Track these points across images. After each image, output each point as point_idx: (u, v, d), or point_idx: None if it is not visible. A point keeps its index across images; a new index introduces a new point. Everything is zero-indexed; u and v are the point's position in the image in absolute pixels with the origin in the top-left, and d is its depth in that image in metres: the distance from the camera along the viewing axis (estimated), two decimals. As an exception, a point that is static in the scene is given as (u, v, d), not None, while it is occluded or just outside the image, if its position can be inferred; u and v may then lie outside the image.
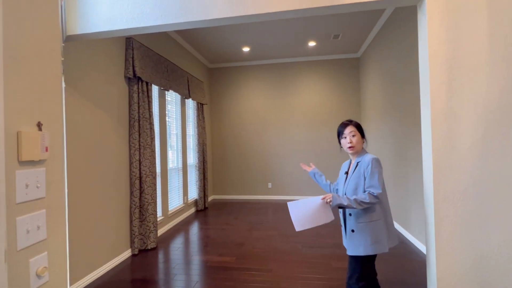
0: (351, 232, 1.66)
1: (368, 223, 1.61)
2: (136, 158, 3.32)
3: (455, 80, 1.46)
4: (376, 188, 1.57)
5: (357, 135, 1.70)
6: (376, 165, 1.60)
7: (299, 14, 1.69)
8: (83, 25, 1.87)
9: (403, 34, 3.57)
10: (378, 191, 1.56)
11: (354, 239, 1.64)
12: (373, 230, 1.60)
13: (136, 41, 3.39)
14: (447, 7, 1.46)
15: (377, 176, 1.59)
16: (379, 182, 1.58)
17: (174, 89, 4.39)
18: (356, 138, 1.69)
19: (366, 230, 1.61)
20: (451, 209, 1.45)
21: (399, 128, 3.83)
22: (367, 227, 1.61)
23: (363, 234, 1.61)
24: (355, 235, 1.64)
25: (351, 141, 1.69)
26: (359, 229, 1.63)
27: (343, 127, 1.73)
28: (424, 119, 1.56)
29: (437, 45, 1.47)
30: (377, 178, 1.58)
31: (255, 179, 6.35)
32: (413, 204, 3.42)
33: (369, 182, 1.59)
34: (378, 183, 1.58)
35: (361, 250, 1.61)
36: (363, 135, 1.74)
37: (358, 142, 1.69)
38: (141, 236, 3.41)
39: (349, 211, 1.68)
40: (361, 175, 1.64)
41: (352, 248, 1.65)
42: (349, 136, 1.70)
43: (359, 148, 1.71)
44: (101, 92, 2.88)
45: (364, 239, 1.60)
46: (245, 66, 6.38)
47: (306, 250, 3.31)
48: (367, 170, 1.61)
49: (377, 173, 1.59)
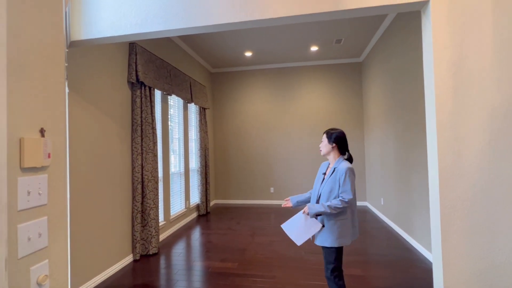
0: (322, 226, 1.94)
1: (336, 221, 1.88)
2: (139, 162, 3.31)
3: (461, 85, 1.44)
4: (347, 194, 1.83)
5: (324, 142, 2.01)
6: (349, 174, 1.85)
7: (301, 19, 1.68)
8: (87, 31, 1.88)
9: (406, 39, 3.56)
10: (349, 197, 1.82)
11: (323, 232, 1.91)
12: (340, 227, 1.87)
13: (139, 46, 3.40)
14: (452, 12, 1.45)
15: (350, 184, 1.84)
16: (351, 189, 1.83)
17: (177, 94, 4.40)
18: (323, 144, 2.01)
19: (334, 226, 1.87)
20: (458, 217, 1.43)
21: (402, 133, 3.81)
22: (335, 224, 1.87)
23: (331, 230, 1.88)
24: (325, 229, 1.91)
25: (320, 146, 2.05)
26: (328, 225, 1.89)
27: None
28: (429, 125, 1.54)
29: (442, 50, 1.46)
30: (349, 186, 1.83)
31: (257, 183, 6.32)
32: (417, 210, 3.38)
33: (343, 188, 1.85)
34: (350, 190, 1.83)
35: (328, 243, 1.88)
36: (334, 141, 1.97)
37: (324, 148, 2.00)
38: (142, 241, 3.39)
39: None
40: (336, 181, 1.89)
41: (320, 240, 1.92)
42: (321, 142, 2.09)
43: (326, 152, 2.00)
44: (104, 97, 2.89)
45: (331, 233, 1.87)
46: (248, 71, 6.40)
47: (310, 256, 3.27)
48: (341, 177, 1.86)
49: (350, 181, 1.84)
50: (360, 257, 3.22)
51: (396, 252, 3.33)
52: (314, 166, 6.11)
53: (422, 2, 1.50)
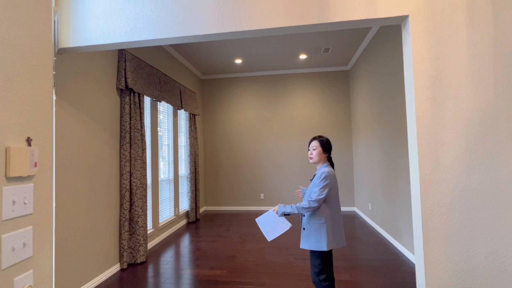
0: (303, 229, 2.00)
1: (314, 224, 1.92)
2: (127, 169, 3.28)
3: (439, 96, 1.52)
4: (316, 194, 1.87)
5: (317, 149, 2.01)
6: (323, 178, 1.89)
7: (289, 31, 1.74)
8: (76, 38, 1.88)
9: (390, 49, 3.69)
10: (317, 197, 1.86)
11: (304, 235, 1.97)
12: (320, 230, 1.90)
13: (129, 53, 3.40)
14: (429, 27, 1.54)
15: (321, 186, 1.88)
16: (320, 191, 1.87)
17: (167, 100, 4.39)
18: (316, 152, 2.01)
19: (312, 230, 1.92)
20: (438, 222, 1.49)
21: (388, 140, 3.91)
22: (314, 226, 1.92)
23: (310, 233, 1.92)
24: (305, 232, 1.96)
25: (311, 153, 2.04)
26: (308, 228, 1.95)
27: (310, 141, 2.08)
28: (410, 133, 1.61)
29: (421, 63, 1.54)
30: (319, 188, 1.88)
31: (247, 190, 6.33)
32: (403, 215, 3.46)
33: (313, 189, 1.92)
34: (320, 191, 1.87)
35: (307, 245, 1.92)
36: (327, 150, 2.02)
37: (316, 155, 2.01)
38: (130, 250, 3.33)
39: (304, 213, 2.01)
40: (314, 184, 1.95)
41: (302, 242, 1.97)
42: (311, 149, 2.04)
43: (317, 160, 2.02)
44: (92, 103, 2.87)
45: (310, 237, 1.92)
46: (238, 78, 6.45)
47: (299, 262, 3.29)
48: (317, 180, 1.92)
49: (322, 184, 1.88)
50: (349, 262, 3.26)
51: (384, 257, 3.39)
52: (304, 172, 6.17)
53: (402, 17, 1.58)
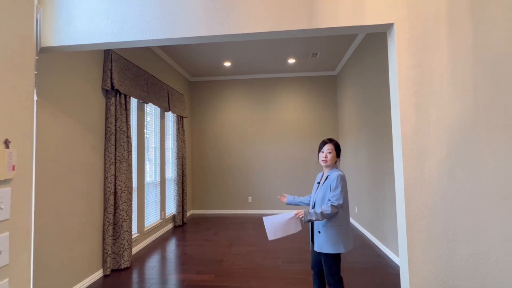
0: (318, 233, 1.97)
1: (332, 227, 1.92)
2: (112, 172, 3.20)
3: (422, 102, 1.57)
4: (337, 199, 1.87)
5: (333, 153, 2.01)
6: (340, 180, 1.90)
7: (278, 35, 1.75)
8: (60, 37, 1.83)
9: (375, 56, 3.79)
10: (339, 202, 1.86)
11: (320, 239, 1.95)
12: (337, 233, 1.91)
13: (115, 53, 3.34)
14: (413, 35, 1.59)
15: (340, 189, 1.89)
16: (341, 194, 1.88)
17: (154, 102, 4.33)
18: (331, 155, 2.01)
19: (329, 232, 1.91)
20: (422, 225, 1.52)
21: (373, 144, 3.99)
22: (330, 229, 1.91)
23: (328, 235, 1.91)
24: (321, 235, 1.94)
25: (326, 157, 2.02)
26: (324, 231, 1.93)
27: (324, 144, 2.05)
28: (395, 138, 1.64)
29: (405, 70, 1.58)
30: (339, 191, 1.88)
31: (235, 193, 6.30)
32: (388, 217, 3.53)
33: (333, 193, 1.90)
34: (340, 195, 1.88)
35: (325, 249, 1.92)
36: (339, 155, 2.05)
37: (331, 159, 2.01)
38: (114, 255, 3.24)
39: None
40: (328, 188, 1.96)
41: (319, 246, 1.95)
42: (326, 152, 2.02)
43: (331, 164, 2.03)
44: (76, 104, 2.78)
45: (329, 239, 1.91)
46: (226, 81, 6.44)
47: (286, 265, 3.29)
48: (333, 183, 1.92)
49: (340, 186, 1.89)
50: (335, 265, 3.28)
51: (370, 259, 3.44)
52: (292, 175, 6.20)
53: (387, 25, 1.63)
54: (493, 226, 1.49)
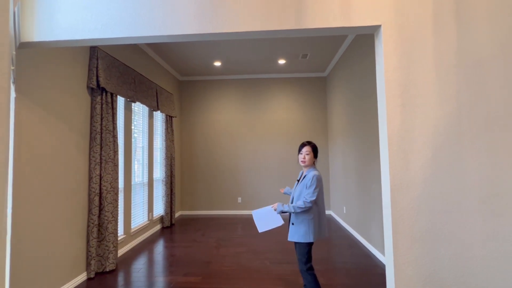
0: (291, 224, 2.20)
1: (304, 220, 2.14)
2: (97, 173, 3.12)
3: (408, 104, 1.59)
4: (309, 196, 2.08)
5: (310, 155, 2.22)
6: (314, 180, 2.10)
7: (267, 35, 1.74)
8: (41, 32, 1.76)
9: (363, 58, 3.83)
10: (311, 199, 2.07)
11: (292, 229, 2.18)
12: (308, 225, 2.12)
13: (101, 50, 3.26)
14: (400, 37, 1.61)
15: (313, 188, 2.09)
16: (314, 192, 2.08)
17: (142, 101, 4.25)
18: (309, 156, 2.22)
19: (302, 224, 2.14)
20: (407, 225, 1.54)
21: (362, 145, 4.04)
22: (303, 222, 2.14)
23: (299, 227, 2.14)
24: (294, 227, 2.17)
25: (304, 158, 2.22)
26: (297, 223, 2.16)
27: (302, 146, 2.27)
28: (382, 139, 1.66)
29: (392, 72, 1.60)
30: (312, 189, 2.09)
31: (224, 193, 6.26)
32: (375, 217, 3.58)
33: (307, 191, 2.11)
34: (313, 193, 2.08)
35: (295, 238, 2.15)
36: (316, 155, 2.26)
37: (309, 160, 2.22)
38: (98, 258, 3.15)
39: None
40: (304, 186, 2.16)
41: (290, 236, 2.19)
42: (304, 154, 2.23)
43: (309, 164, 2.23)
44: (59, 102, 2.70)
45: (299, 230, 2.14)
46: (216, 80, 6.40)
47: (275, 266, 3.29)
48: (308, 182, 2.13)
49: (314, 185, 2.10)
50: (324, 265, 3.30)
51: (357, 259, 3.47)
52: (282, 176, 6.21)
53: (374, 27, 1.64)
54: (475, 226, 1.52)
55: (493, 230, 1.51)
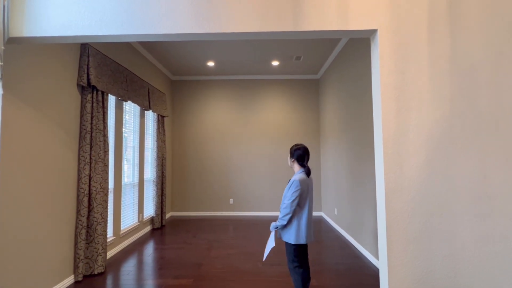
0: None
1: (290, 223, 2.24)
2: (86, 173, 3.04)
3: (403, 107, 1.61)
4: (288, 199, 2.17)
5: (288, 156, 2.41)
6: (293, 185, 2.17)
7: (264, 36, 1.74)
8: (31, 28, 1.71)
9: (357, 61, 3.88)
10: (288, 201, 2.15)
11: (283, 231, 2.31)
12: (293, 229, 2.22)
13: (93, 48, 3.19)
14: (396, 42, 1.63)
15: (292, 191, 2.16)
16: (291, 195, 2.15)
17: (133, 100, 4.18)
18: (288, 159, 2.39)
19: (288, 227, 2.25)
20: (401, 227, 1.56)
21: (354, 147, 4.09)
22: (288, 225, 2.25)
23: (286, 228, 2.26)
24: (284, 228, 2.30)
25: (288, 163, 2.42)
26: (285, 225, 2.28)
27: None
28: (376, 142, 1.68)
29: (388, 75, 1.62)
30: (290, 193, 2.17)
31: (216, 194, 6.21)
32: (367, 219, 3.62)
33: (285, 195, 2.24)
34: (291, 196, 2.16)
35: (284, 237, 2.27)
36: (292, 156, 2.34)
37: (289, 163, 2.39)
38: (87, 260, 3.07)
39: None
40: (286, 190, 2.27)
41: (282, 235, 2.31)
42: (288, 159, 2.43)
43: (290, 166, 2.39)
44: (48, 100, 2.62)
45: (286, 231, 2.26)
46: (209, 81, 6.37)
47: (267, 268, 3.28)
48: (288, 188, 2.24)
49: (293, 190, 2.17)
50: (316, 267, 3.31)
51: (348, 260, 3.50)
52: (274, 177, 6.22)
53: (371, 31, 1.66)
54: (466, 228, 1.55)
55: (484, 231, 1.54)
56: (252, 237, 4.53)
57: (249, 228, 5.07)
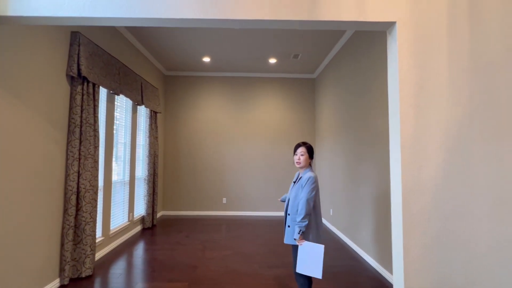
0: (287, 227, 2.17)
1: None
2: (75, 169, 2.85)
3: (423, 105, 1.53)
4: (304, 198, 2.04)
5: (305, 155, 2.19)
6: (310, 181, 2.07)
7: (275, 25, 1.62)
8: (17, 6, 1.53)
9: (357, 59, 3.82)
10: (305, 199, 2.03)
11: (288, 232, 2.15)
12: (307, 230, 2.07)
13: (84, 37, 2.99)
14: (415, 35, 1.54)
15: (308, 189, 2.05)
16: (308, 194, 2.04)
17: (126, 94, 3.98)
18: (304, 157, 2.18)
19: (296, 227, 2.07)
20: (419, 231, 1.47)
21: (351, 146, 4.02)
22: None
23: (294, 230, 2.10)
24: (289, 229, 2.14)
25: (299, 159, 2.20)
26: (293, 225, 2.12)
27: (297, 147, 2.24)
28: (393, 141, 1.59)
29: (407, 71, 1.53)
30: (307, 191, 2.05)
31: (209, 194, 6.06)
32: (363, 219, 3.56)
33: (302, 193, 2.08)
34: (307, 194, 2.04)
35: (291, 241, 2.12)
36: (312, 156, 2.22)
37: (304, 161, 2.19)
38: (74, 262, 2.88)
39: (288, 212, 2.17)
40: (300, 187, 2.13)
41: (286, 238, 2.16)
42: (299, 154, 2.20)
43: (304, 165, 2.20)
44: (34, 90, 2.42)
45: (294, 233, 2.09)
46: (204, 77, 6.20)
47: (264, 270, 3.17)
48: (303, 183, 2.10)
49: (310, 186, 2.06)
50: (314, 269, 3.22)
51: (345, 262, 3.43)
52: (268, 176, 6.11)
53: (389, 23, 1.57)
54: (486, 232, 1.48)
55: (506, 236, 1.48)
56: (247, 237, 4.41)
57: (243, 228, 4.95)
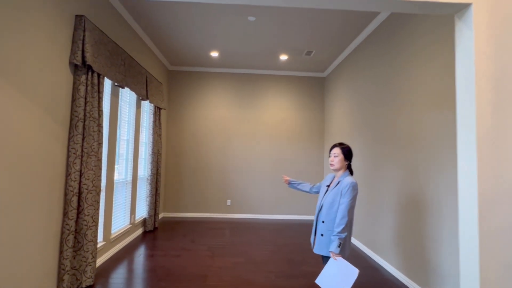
0: (320, 235, 2.01)
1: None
2: (76, 168, 2.56)
3: (501, 100, 1.31)
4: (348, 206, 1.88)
5: (339, 157, 2.05)
6: (351, 189, 1.92)
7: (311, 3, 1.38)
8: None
9: (377, 58, 3.61)
10: (346, 209, 1.88)
11: (321, 241, 1.99)
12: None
13: (89, 21, 2.71)
14: (494, 19, 1.32)
15: (349, 197, 1.90)
16: (349, 203, 1.89)
17: (131, 87, 3.70)
18: (338, 159, 2.05)
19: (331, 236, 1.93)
20: (499, 248, 1.25)
21: (369, 148, 3.81)
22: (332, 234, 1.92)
23: (328, 239, 1.95)
24: (323, 239, 1.98)
25: (332, 160, 2.08)
26: (327, 235, 1.97)
27: (332, 148, 2.13)
28: (464, 143, 1.36)
29: (483, 61, 1.31)
30: (348, 199, 1.89)
31: (213, 195, 5.79)
32: (385, 227, 3.34)
33: (342, 200, 1.93)
34: (348, 203, 1.89)
35: (325, 251, 1.97)
36: (347, 158, 2.06)
37: (338, 163, 2.05)
38: (73, 271, 2.59)
39: (321, 219, 2.01)
40: (338, 193, 1.96)
41: (318, 248, 2.00)
42: (332, 156, 2.09)
43: (339, 167, 2.06)
44: (34, 79, 2.14)
45: (328, 243, 1.95)
46: (211, 73, 5.93)
47: (281, 281, 2.92)
48: (344, 189, 1.93)
49: (350, 195, 1.90)
50: (334, 280, 2.99)
51: (364, 272, 3.21)
52: (275, 178, 5.87)
53: (463, 4, 1.35)
54: None
55: None
56: (256, 242, 4.17)
57: (250, 232, 4.70)
